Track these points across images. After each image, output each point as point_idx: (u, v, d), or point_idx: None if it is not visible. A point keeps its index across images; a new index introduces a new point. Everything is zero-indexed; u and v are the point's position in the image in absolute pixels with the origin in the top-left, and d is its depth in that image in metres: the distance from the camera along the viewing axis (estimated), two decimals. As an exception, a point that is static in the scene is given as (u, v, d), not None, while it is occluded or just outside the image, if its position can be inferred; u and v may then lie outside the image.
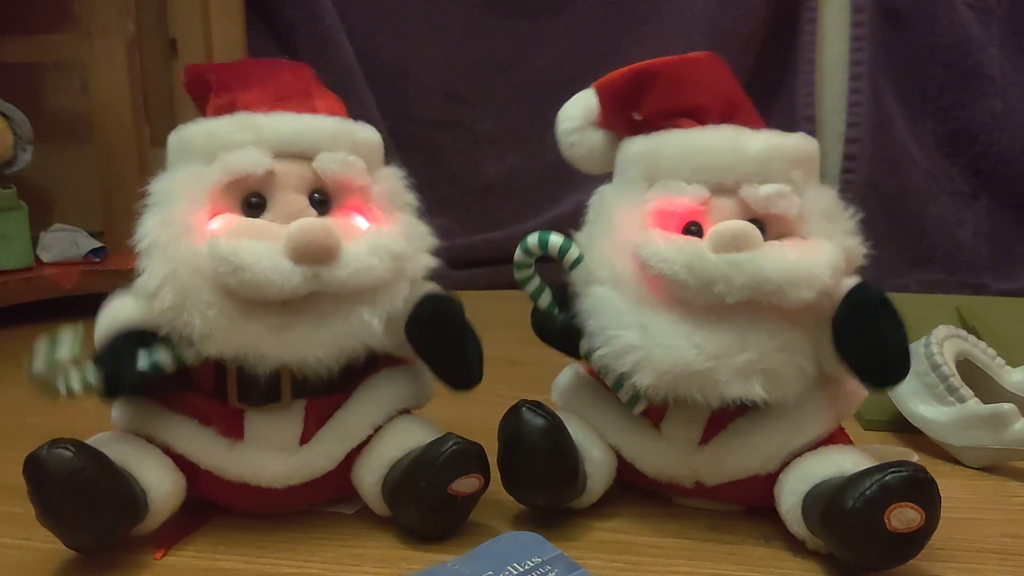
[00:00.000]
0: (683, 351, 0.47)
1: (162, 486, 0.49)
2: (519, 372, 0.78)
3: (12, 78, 1.21)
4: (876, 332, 0.47)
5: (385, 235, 0.50)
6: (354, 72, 1.33)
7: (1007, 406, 0.60)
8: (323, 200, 0.51)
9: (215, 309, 0.46)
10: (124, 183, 1.15)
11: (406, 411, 0.55)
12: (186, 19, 1.22)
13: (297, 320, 0.48)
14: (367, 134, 0.54)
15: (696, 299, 0.48)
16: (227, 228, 0.48)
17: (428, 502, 0.49)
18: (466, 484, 0.50)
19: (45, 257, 1.13)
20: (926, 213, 1.27)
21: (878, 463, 0.46)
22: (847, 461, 0.49)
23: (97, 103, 1.17)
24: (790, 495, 0.50)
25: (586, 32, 1.33)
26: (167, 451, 0.51)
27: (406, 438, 0.53)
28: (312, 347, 0.48)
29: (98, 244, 1.15)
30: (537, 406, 0.50)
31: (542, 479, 0.51)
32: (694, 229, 0.50)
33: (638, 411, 0.53)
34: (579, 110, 0.56)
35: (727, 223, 0.48)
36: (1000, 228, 1.27)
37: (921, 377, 0.64)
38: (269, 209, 0.50)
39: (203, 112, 0.54)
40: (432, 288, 0.53)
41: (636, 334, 0.48)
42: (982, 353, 0.67)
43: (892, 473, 0.43)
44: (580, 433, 0.54)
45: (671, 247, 0.48)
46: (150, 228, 0.48)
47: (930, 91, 1.26)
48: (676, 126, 0.52)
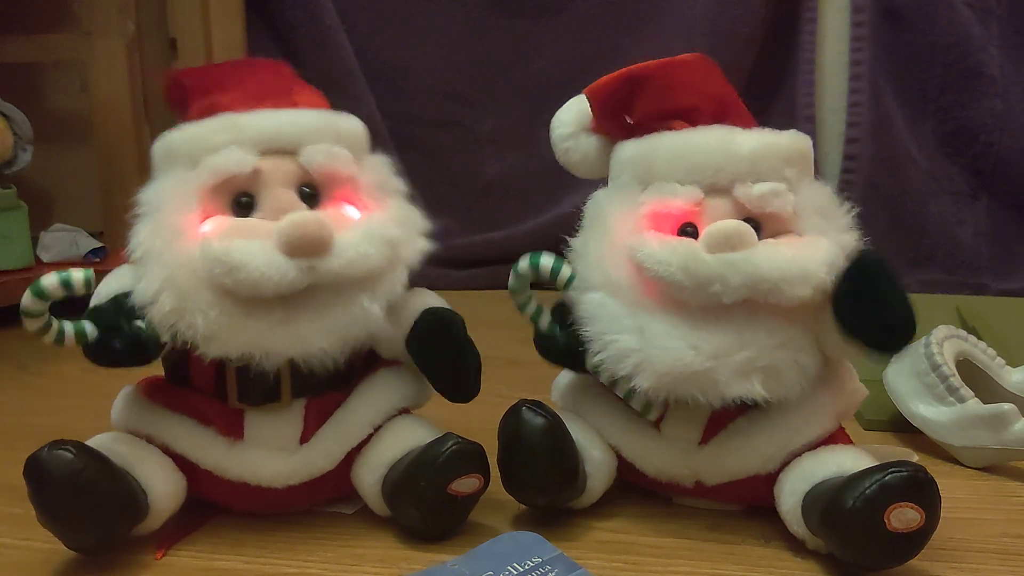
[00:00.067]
0: (681, 352, 0.47)
1: (162, 486, 0.49)
2: (519, 372, 0.77)
3: (12, 78, 1.21)
4: (880, 294, 0.46)
5: (377, 222, 0.50)
6: (354, 72, 1.33)
7: (1007, 406, 0.60)
8: (312, 194, 0.51)
9: (216, 310, 0.46)
10: (124, 183, 1.15)
11: (406, 411, 0.55)
12: (186, 19, 1.22)
13: (298, 314, 0.48)
14: (350, 124, 0.54)
15: (692, 300, 0.48)
16: (218, 229, 0.48)
17: (428, 502, 0.49)
18: (466, 484, 0.50)
19: (45, 257, 1.13)
20: (926, 213, 1.27)
21: (878, 463, 0.46)
22: (847, 461, 0.49)
23: (97, 103, 1.17)
24: (790, 495, 0.50)
25: (586, 32, 1.33)
26: (167, 451, 0.51)
27: (406, 438, 0.53)
28: (316, 339, 0.48)
29: (98, 244, 1.15)
30: (537, 406, 0.50)
31: (542, 479, 0.51)
32: (690, 230, 0.50)
33: (652, 418, 0.53)
34: (572, 116, 0.57)
35: (721, 223, 0.48)
36: (1000, 228, 1.27)
37: (921, 377, 0.64)
38: (259, 207, 0.50)
39: (185, 118, 0.53)
40: (433, 302, 0.54)
41: (634, 338, 0.48)
42: (982, 353, 0.67)
43: (892, 473, 0.43)
44: (580, 433, 0.54)
45: (666, 249, 0.48)
46: (143, 238, 0.48)
47: (930, 91, 1.26)
48: (668, 128, 0.52)
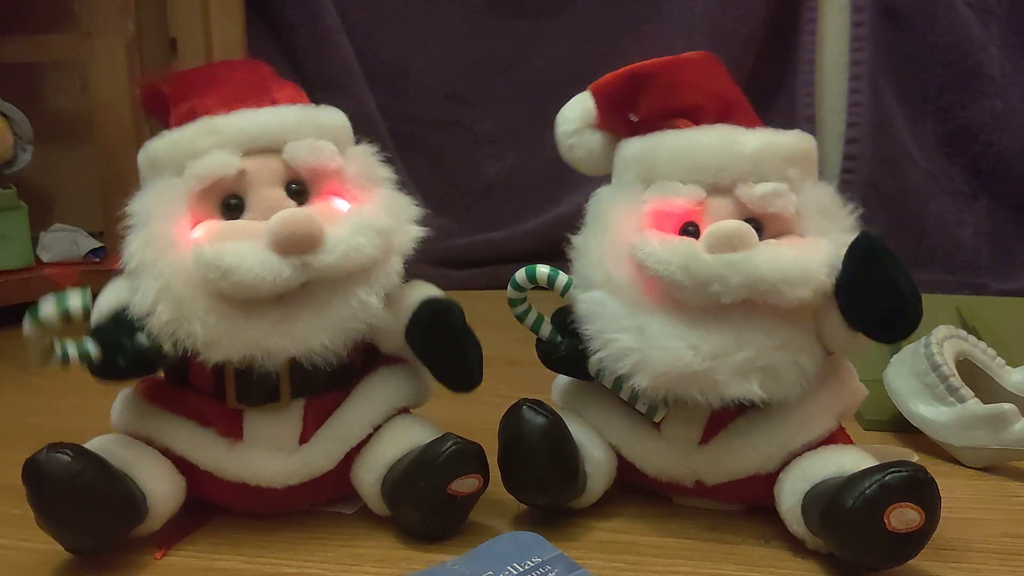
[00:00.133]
0: (680, 352, 0.47)
1: (161, 488, 0.49)
2: (519, 372, 0.77)
3: (12, 78, 1.21)
4: (886, 276, 0.46)
5: (367, 213, 0.50)
6: (354, 72, 1.33)
7: (1007, 406, 0.60)
8: (300, 190, 0.51)
9: (214, 316, 0.46)
10: (124, 183, 1.13)
11: (405, 410, 0.55)
12: (186, 19, 1.21)
13: (297, 312, 0.48)
14: (332, 117, 0.54)
15: (692, 300, 0.48)
16: (209, 234, 0.48)
17: (428, 502, 0.49)
18: (465, 484, 0.50)
19: (45, 257, 1.13)
20: (926, 213, 1.27)
21: (878, 463, 0.46)
22: (847, 461, 0.49)
23: (97, 103, 1.17)
24: (790, 495, 0.49)
25: (586, 32, 1.32)
26: (166, 453, 0.51)
27: (405, 438, 0.53)
28: (317, 335, 0.48)
29: (98, 244, 1.15)
30: (538, 405, 0.50)
31: (542, 479, 0.51)
32: (691, 229, 0.50)
33: (658, 419, 0.53)
34: (577, 112, 0.56)
35: (722, 223, 0.48)
36: (1000, 228, 1.27)
37: (921, 377, 0.64)
38: (248, 208, 0.50)
39: (166, 125, 0.53)
40: (431, 292, 0.53)
41: (633, 337, 0.48)
42: (982, 353, 0.67)
43: (892, 473, 0.43)
44: (580, 433, 0.54)
45: (667, 248, 0.48)
46: (135, 249, 0.48)
47: (930, 91, 1.26)
48: (672, 127, 0.52)
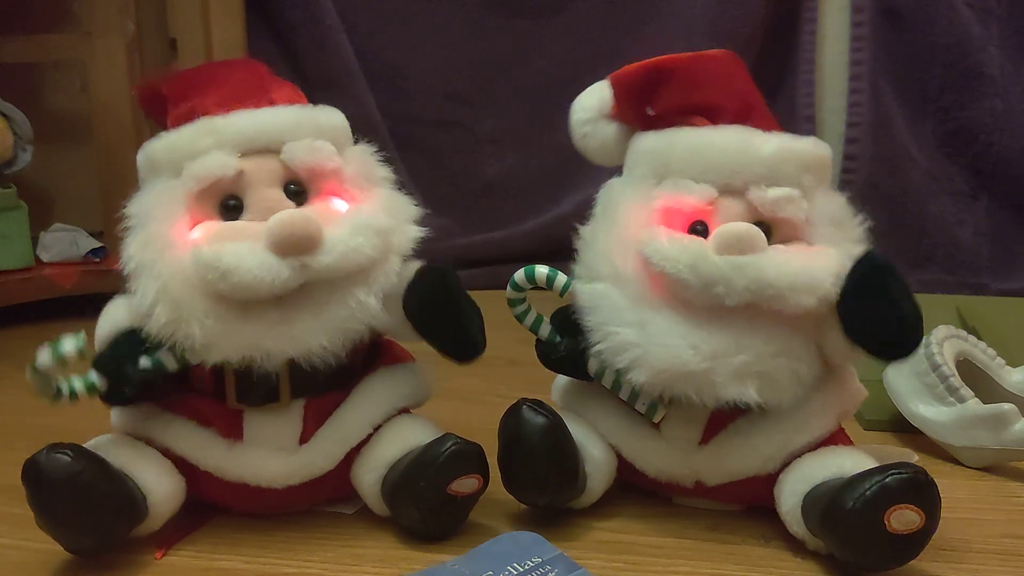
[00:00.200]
0: (680, 351, 0.47)
1: (161, 488, 0.49)
2: (519, 372, 0.77)
3: (12, 78, 1.21)
4: (887, 295, 0.46)
5: (366, 213, 0.50)
6: (354, 72, 1.32)
7: (1007, 406, 0.60)
8: (299, 190, 0.51)
9: (212, 317, 0.46)
10: (124, 183, 1.13)
11: (405, 410, 0.55)
12: (186, 19, 1.21)
13: (295, 313, 0.48)
14: (330, 117, 0.54)
15: (696, 299, 0.48)
16: (207, 235, 0.48)
17: (427, 502, 0.49)
18: (465, 484, 0.50)
19: (45, 257, 1.13)
20: (926, 213, 1.27)
21: (878, 464, 0.46)
22: (847, 462, 0.49)
23: (97, 103, 1.17)
24: (790, 495, 0.49)
25: (586, 32, 1.32)
26: (166, 453, 0.51)
27: (405, 438, 0.53)
28: (315, 336, 0.48)
29: (98, 244, 1.15)
30: (538, 405, 0.50)
31: (542, 479, 0.51)
32: (700, 228, 0.50)
33: (657, 419, 0.52)
34: (594, 101, 0.56)
35: (732, 225, 0.48)
36: (1000, 228, 1.27)
37: (921, 377, 0.64)
38: (247, 209, 0.50)
39: (164, 126, 0.53)
40: (425, 262, 0.53)
41: (634, 331, 0.48)
42: (982, 353, 0.67)
43: (892, 475, 0.43)
44: (580, 433, 0.53)
45: (675, 246, 0.48)
46: (133, 250, 0.48)
47: (930, 91, 1.26)
48: (689, 124, 0.52)
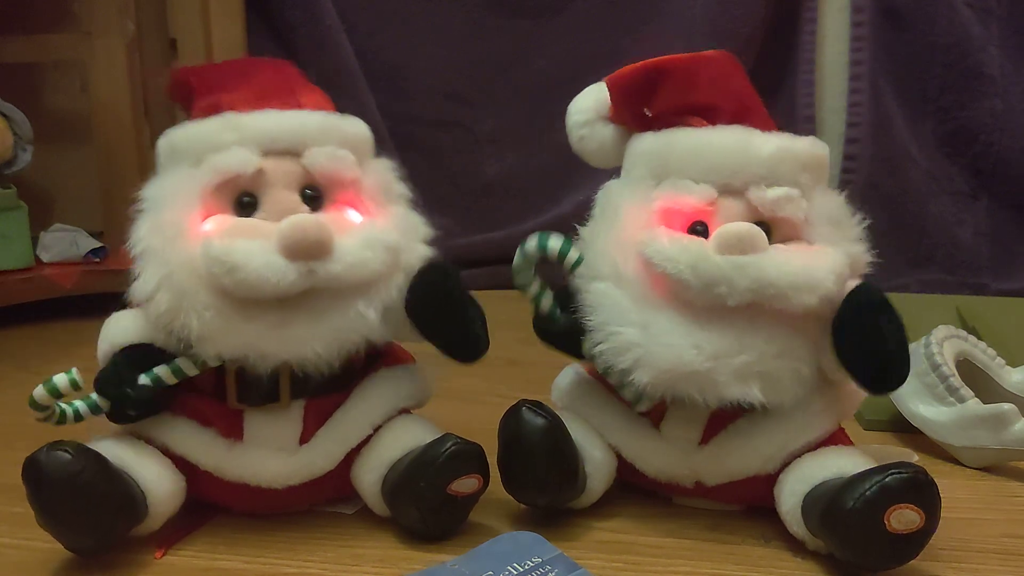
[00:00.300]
0: (683, 351, 0.47)
1: (161, 487, 0.49)
2: (519, 372, 0.78)
3: (12, 78, 1.21)
4: (876, 333, 0.47)
5: (379, 228, 0.50)
6: (354, 72, 1.32)
7: (1007, 406, 0.60)
8: (315, 196, 0.51)
9: (212, 311, 0.46)
10: (124, 183, 1.14)
11: (405, 411, 0.55)
12: (186, 19, 1.21)
13: (294, 317, 0.48)
14: (355, 127, 0.54)
15: (698, 299, 0.48)
16: (220, 229, 0.48)
17: (428, 502, 0.49)
18: (465, 484, 0.50)
19: (45, 257, 1.13)
20: (926, 213, 1.27)
21: (878, 464, 0.46)
22: (847, 462, 0.49)
23: (97, 103, 1.17)
24: (790, 496, 0.49)
25: (586, 32, 1.32)
26: (166, 452, 0.51)
27: (405, 438, 0.53)
28: (311, 343, 0.48)
29: (98, 244, 1.15)
30: (537, 406, 0.50)
31: (542, 479, 0.51)
32: (700, 229, 0.50)
33: (643, 409, 0.53)
34: (590, 103, 0.56)
35: (732, 225, 0.48)
36: (1000, 228, 1.27)
37: (921, 377, 0.64)
38: (261, 208, 0.50)
39: (189, 115, 0.54)
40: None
41: (637, 332, 0.48)
42: (982, 353, 0.67)
43: (892, 475, 0.43)
44: (580, 433, 0.54)
45: (676, 246, 0.48)
46: (143, 233, 0.48)
47: (930, 91, 1.26)
48: (687, 124, 0.52)
